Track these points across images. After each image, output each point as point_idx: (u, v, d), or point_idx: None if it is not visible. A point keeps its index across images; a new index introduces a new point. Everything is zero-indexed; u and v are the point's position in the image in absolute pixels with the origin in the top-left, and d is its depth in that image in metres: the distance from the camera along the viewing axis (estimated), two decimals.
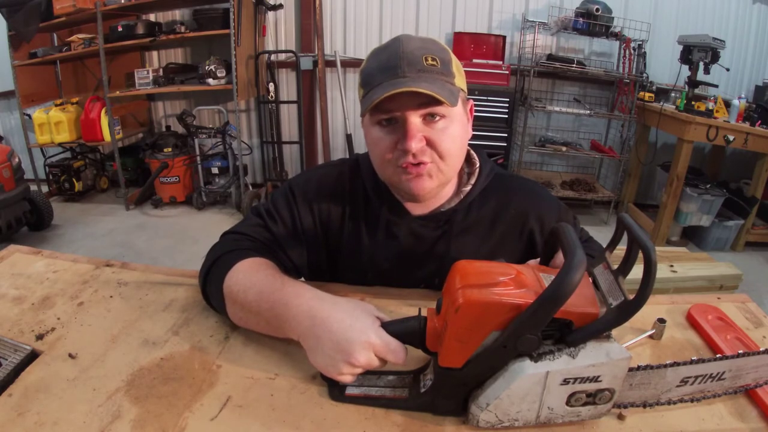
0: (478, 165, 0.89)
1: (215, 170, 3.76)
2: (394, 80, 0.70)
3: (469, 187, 0.86)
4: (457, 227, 0.86)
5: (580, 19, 3.30)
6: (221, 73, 3.48)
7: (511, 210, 0.88)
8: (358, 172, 0.90)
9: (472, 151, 0.91)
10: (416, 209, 0.86)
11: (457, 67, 0.77)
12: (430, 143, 0.74)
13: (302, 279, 0.90)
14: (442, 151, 0.75)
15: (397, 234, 0.87)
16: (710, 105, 3.07)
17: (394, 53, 0.72)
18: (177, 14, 3.86)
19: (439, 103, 0.71)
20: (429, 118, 0.73)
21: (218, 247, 0.81)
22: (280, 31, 3.86)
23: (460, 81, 0.77)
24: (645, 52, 3.42)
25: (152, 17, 3.83)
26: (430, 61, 0.72)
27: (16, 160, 3.07)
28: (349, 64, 3.81)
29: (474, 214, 0.87)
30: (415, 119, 0.72)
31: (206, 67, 3.48)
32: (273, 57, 3.79)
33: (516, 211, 0.88)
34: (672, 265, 2.30)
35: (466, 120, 0.81)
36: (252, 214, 0.89)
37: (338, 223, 0.89)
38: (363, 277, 0.90)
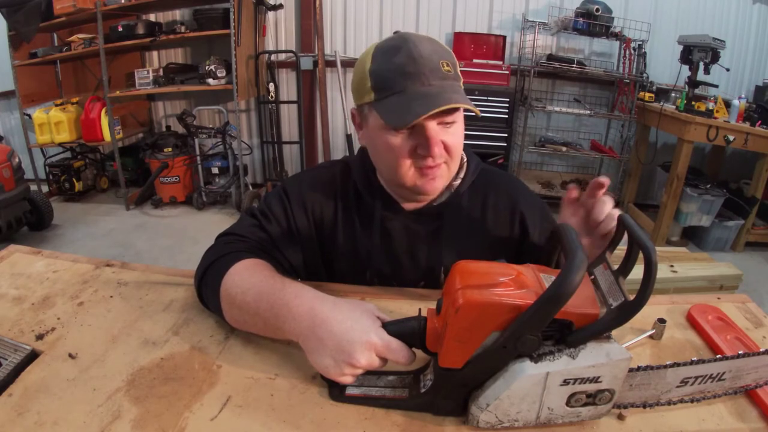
0: (465, 160, 0.91)
1: (215, 170, 3.76)
2: (421, 89, 0.72)
3: (458, 181, 0.89)
4: (449, 220, 0.88)
5: (580, 19, 3.30)
6: (221, 73, 3.48)
7: (500, 203, 0.91)
8: (349, 173, 0.91)
9: None
10: (409, 204, 0.88)
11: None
12: (444, 146, 0.77)
13: (299, 280, 0.90)
14: (453, 151, 0.79)
15: (392, 229, 0.88)
16: (710, 105, 3.07)
17: (411, 58, 0.72)
18: (177, 14, 3.86)
19: (457, 110, 0.74)
20: (444, 123, 0.76)
21: (213, 251, 0.81)
22: (280, 31, 3.86)
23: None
24: (645, 52, 3.42)
25: (152, 17, 3.83)
26: (446, 68, 0.74)
27: (17, 160, 3.07)
28: (350, 64, 3.80)
29: (465, 207, 0.90)
30: (435, 126, 0.74)
31: (206, 67, 3.48)
32: (273, 57, 3.79)
33: (504, 204, 0.91)
34: (672, 265, 2.30)
35: None
36: (246, 215, 0.90)
37: (331, 222, 0.90)
38: (361, 276, 0.91)
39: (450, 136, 0.76)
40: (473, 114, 0.77)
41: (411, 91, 0.71)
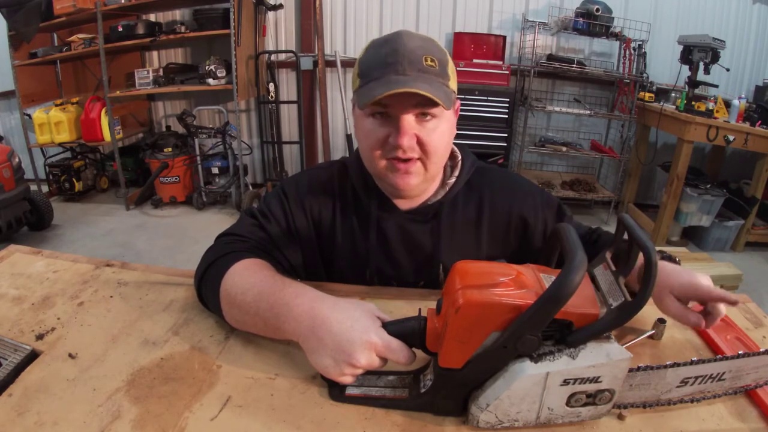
0: (459, 158, 0.91)
1: (215, 170, 3.76)
2: (395, 77, 0.72)
3: (453, 179, 0.89)
4: (445, 219, 0.88)
5: (580, 19, 3.30)
6: (221, 73, 3.48)
7: (497, 201, 0.91)
8: (346, 173, 0.92)
9: (452, 146, 0.94)
10: (404, 204, 0.88)
11: (452, 69, 0.79)
12: (419, 141, 0.77)
13: (299, 280, 0.91)
14: (430, 149, 0.78)
15: (387, 229, 0.89)
16: (710, 105, 3.07)
17: (395, 49, 0.74)
18: (177, 14, 3.86)
19: (434, 104, 0.73)
20: (421, 117, 0.76)
21: (213, 251, 0.81)
22: (280, 31, 3.86)
23: (454, 83, 0.80)
24: (645, 52, 3.42)
25: (152, 17, 3.83)
26: (428, 62, 0.74)
27: (17, 160, 3.07)
28: (350, 64, 3.80)
29: (460, 206, 0.90)
30: (409, 117, 0.75)
31: (206, 67, 3.48)
32: (273, 57, 3.79)
33: (501, 202, 0.91)
34: None
35: (454, 119, 0.84)
36: (246, 215, 0.90)
37: (330, 222, 0.90)
38: (361, 275, 0.91)
39: (426, 133, 0.76)
40: (472, 114, 0.77)
41: (386, 78, 0.73)
